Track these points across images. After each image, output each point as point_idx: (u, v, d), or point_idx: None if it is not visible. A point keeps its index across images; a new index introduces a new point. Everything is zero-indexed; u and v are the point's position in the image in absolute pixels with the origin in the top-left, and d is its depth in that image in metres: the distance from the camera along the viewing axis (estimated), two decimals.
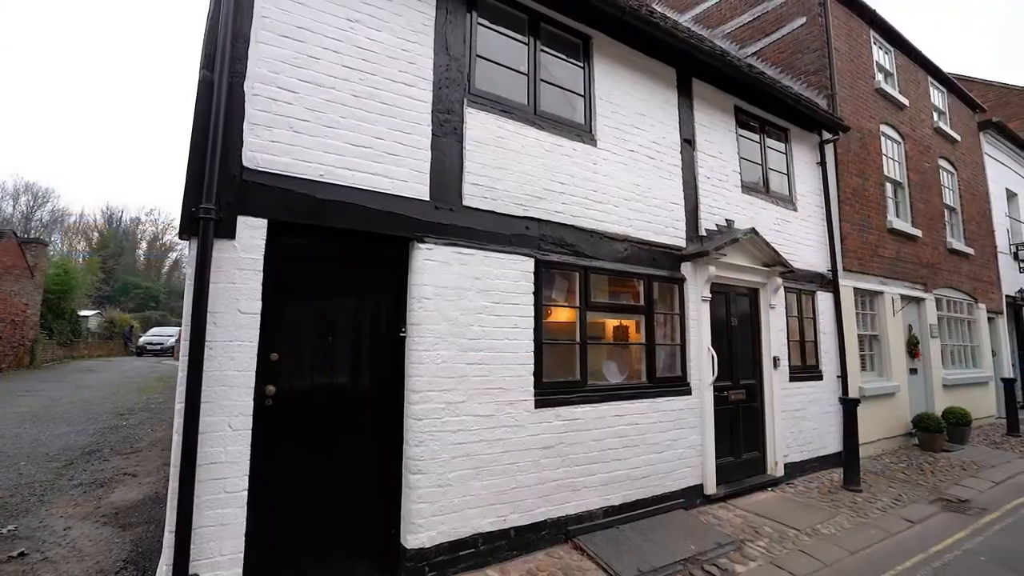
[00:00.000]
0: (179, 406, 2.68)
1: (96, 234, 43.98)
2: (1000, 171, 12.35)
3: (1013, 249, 12.14)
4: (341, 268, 3.41)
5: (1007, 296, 11.67)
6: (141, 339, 25.53)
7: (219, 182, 2.83)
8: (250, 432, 2.87)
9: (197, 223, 2.75)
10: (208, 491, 2.71)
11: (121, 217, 46.92)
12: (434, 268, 3.55)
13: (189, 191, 2.81)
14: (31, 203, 41.19)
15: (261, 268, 2.98)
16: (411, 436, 3.36)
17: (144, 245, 49.04)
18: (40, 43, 60.77)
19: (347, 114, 3.37)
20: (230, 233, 2.90)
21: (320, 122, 3.27)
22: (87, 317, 25.04)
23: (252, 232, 2.97)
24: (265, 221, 3.01)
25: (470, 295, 3.68)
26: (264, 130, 3.07)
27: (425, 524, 3.30)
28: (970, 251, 10.18)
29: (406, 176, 3.53)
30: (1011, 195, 12.79)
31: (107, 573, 3.25)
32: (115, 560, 3.43)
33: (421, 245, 3.53)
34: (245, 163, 2.99)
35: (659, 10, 10.34)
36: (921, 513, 4.94)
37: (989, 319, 10.84)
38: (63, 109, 59.68)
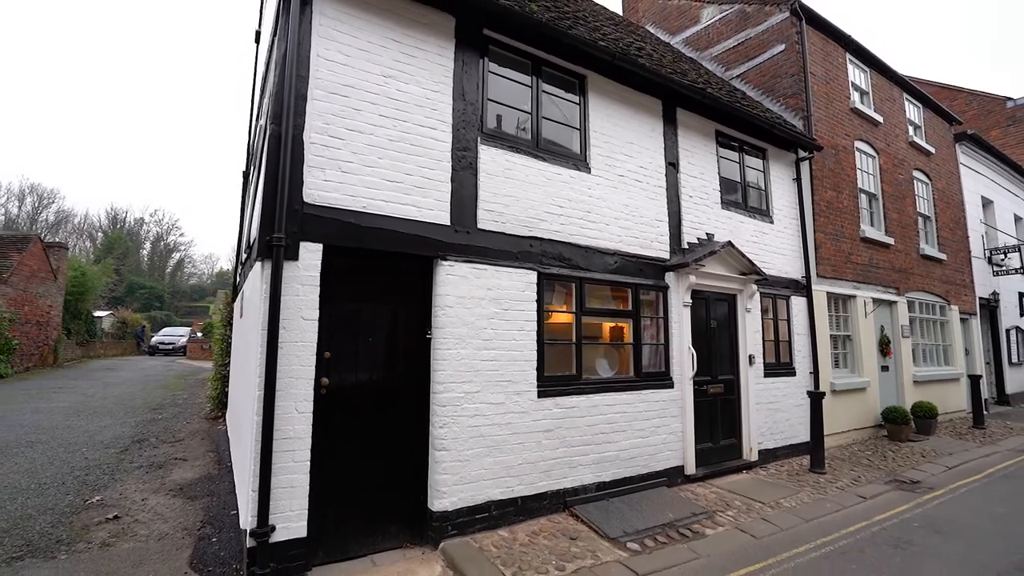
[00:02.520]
0: (258, 392, 3.40)
1: (100, 234, 44.70)
2: (976, 180, 13.06)
3: (987, 254, 12.85)
4: (379, 282, 4.14)
5: (981, 298, 12.38)
6: (153, 339, 26.29)
7: (287, 216, 3.55)
8: (311, 415, 3.60)
9: (271, 248, 3.48)
10: (281, 460, 3.43)
11: (125, 218, 47.52)
12: (454, 281, 4.28)
13: (264, 223, 3.54)
14: (36, 204, 41.92)
15: (318, 283, 3.71)
16: (436, 419, 4.09)
17: (148, 246, 49.78)
18: (44, 44, 61.53)
19: (383, 155, 4.09)
20: (294, 256, 3.62)
21: (362, 163, 3.99)
22: (101, 318, 25.78)
23: (311, 255, 3.69)
24: (321, 245, 3.73)
25: (484, 303, 4.41)
26: (319, 171, 3.80)
27: (448, 492, 4.03)
28: (943, 256, 10.89)
29: (431, 205, 4.26)
30: (987, 202, 13.51)
31: (191, 530, 3.99)
32: (193, 521, 4.17)
33: (443, 262, 4.26)
34: (305, 199, 3.71)
35: (652, 31, 11.11)
36: (874, 491, 5.67)
37: (962, 320, 11.56)
38: (67, 110, 60.44)
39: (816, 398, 6.48)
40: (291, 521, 3.45)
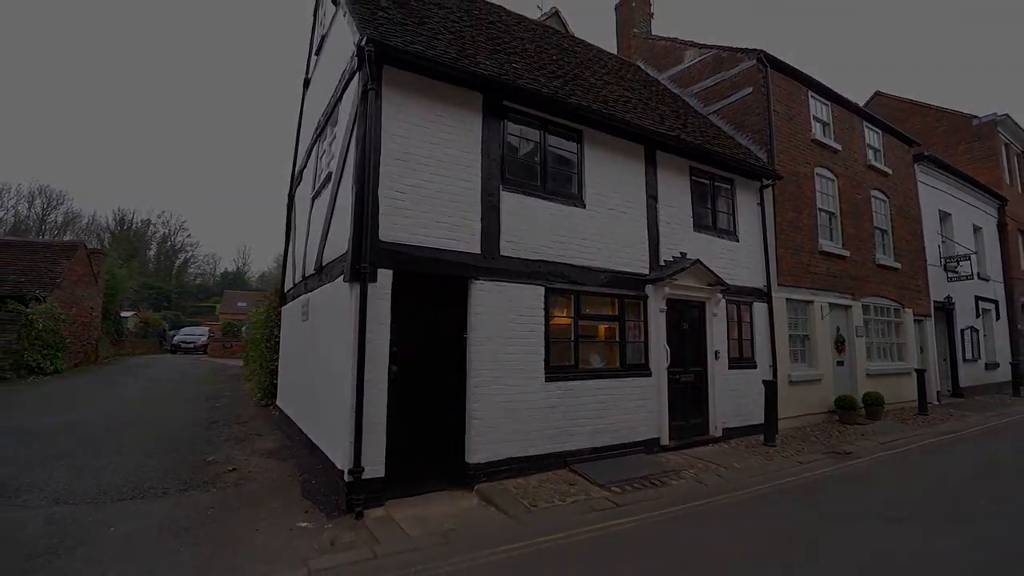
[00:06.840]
0: (352, 374, 4.86)
1: (108, 235, 46.03)
2: (934, 195, 14.54)
3: (943, 262, 14.32)
4: (430, 296, 5.63)
5: (936, 301, 13.86)
6: (175, 338, 27.78)
7: (369, 250, 5.03)
8: (386, 391, 5.08)
9: (360, 274, 4.96)
10: (367, 423, 4.90)
11: (132, 219, 48.73)
12: (483, 295, 5.76)
13: (354, 255, 5.01)
14: (45, 205, 43.27)
15: (389, 298, 5.18)
16: (471, 396, 5.58)
17: (154, 246, 51.15)
18: (53, 48, 62.91)
19: (432, 204, 5.57)
20: (374, 279, 5.09)
21: (418, 209, 5.47)
22: (126, 318, 27.26)
23: (385, 278, 5.17)
24: (391, 271, 5.21)
25: (505, 311, 5.89)
26: (388, 217, 5.27)
27: (480, 449, 5.52)
28: (897, 265, 12.36)
29: (467, 239, 5.74)
30: (945, 215, 14.98)
31: (294, 476, 5.47)
32: (292, 471, 5.66)
33: (475, 281, 5.74)
34: (380, 237, 5.19)
35: (642, 67, 12.58)
36: (810, 459, 7.14)
37: (917, 321, 13.05)
38: (74, 113, 61.85)
39: (769, 386, 7.96)
40: (374, 465, 4.92)
